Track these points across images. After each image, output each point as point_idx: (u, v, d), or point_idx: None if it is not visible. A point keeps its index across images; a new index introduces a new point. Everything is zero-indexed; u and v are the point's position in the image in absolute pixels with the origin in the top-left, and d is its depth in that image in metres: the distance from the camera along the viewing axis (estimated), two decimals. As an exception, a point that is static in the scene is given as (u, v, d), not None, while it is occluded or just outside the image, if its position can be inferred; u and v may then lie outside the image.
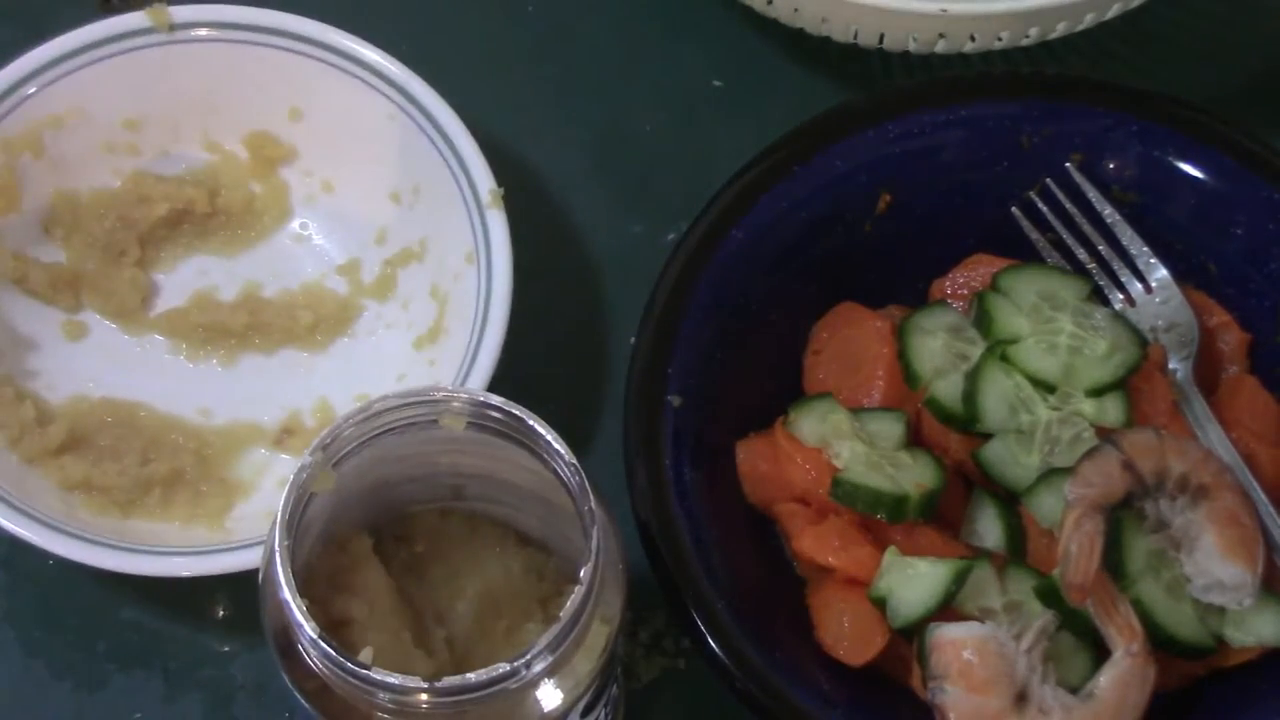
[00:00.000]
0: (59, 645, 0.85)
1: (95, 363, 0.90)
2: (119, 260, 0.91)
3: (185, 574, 0.80)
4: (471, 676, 0.62)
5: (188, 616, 0.85)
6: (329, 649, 0.62)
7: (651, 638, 0.85)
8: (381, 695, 0.63)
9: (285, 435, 0.88)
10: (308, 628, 0.63)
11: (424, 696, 0.62)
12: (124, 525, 0.84)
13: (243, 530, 0.84)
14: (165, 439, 0.87)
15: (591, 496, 0.65)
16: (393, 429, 0.68)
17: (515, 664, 0.62)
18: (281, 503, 0.65)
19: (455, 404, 0.67)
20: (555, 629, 0.63)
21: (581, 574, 0.64)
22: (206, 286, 0.92)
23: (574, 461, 0.66)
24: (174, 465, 0.86)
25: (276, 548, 0.64)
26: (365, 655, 0.65)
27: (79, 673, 0.84)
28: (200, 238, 0.93)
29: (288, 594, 0.63)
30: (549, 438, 0.66)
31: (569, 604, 0.63)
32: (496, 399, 0.67)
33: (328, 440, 0.66)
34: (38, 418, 0.85)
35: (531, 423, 0.66)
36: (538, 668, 0.63)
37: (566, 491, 0.67)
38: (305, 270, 0.93)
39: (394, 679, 0.62)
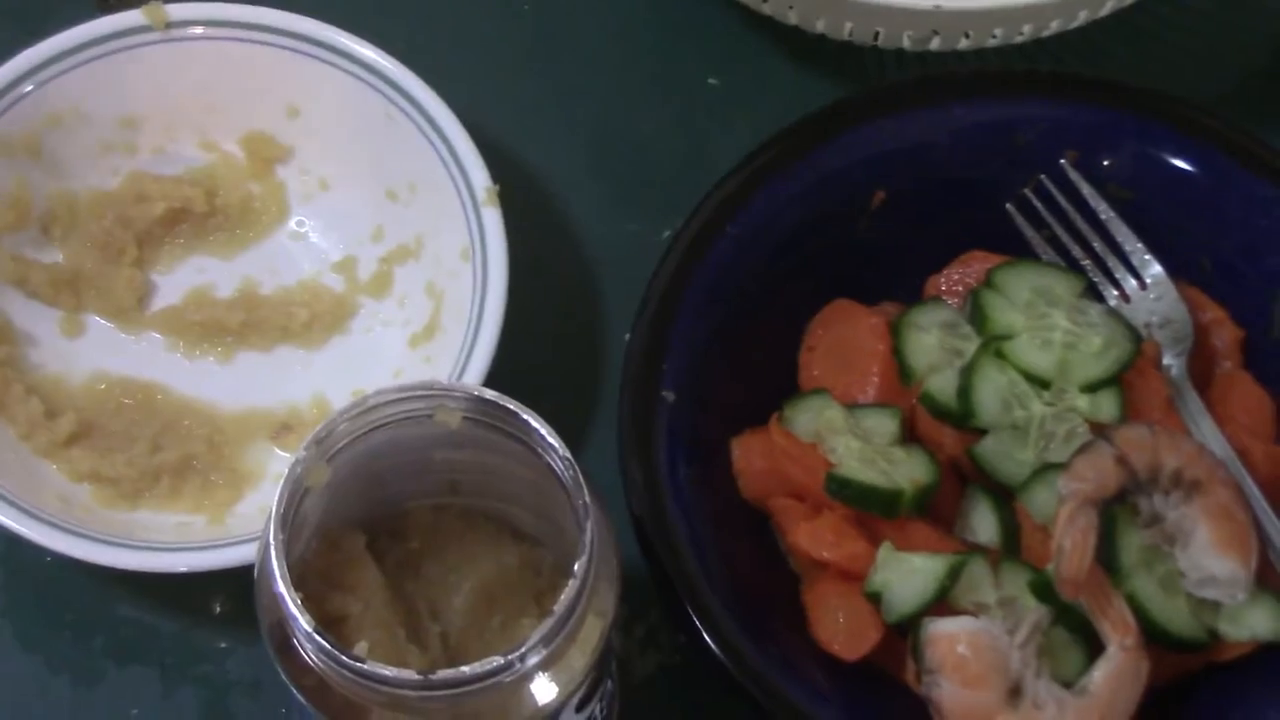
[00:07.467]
0: (56, 641, 0.85)
1: (93, 362, 0.89)
2: (117, 260, 0.91)
3: (181, 569, 0.80)
4: (466, 669, 0.62)
5: (185, 613, 0.86)
6: (324, 643, 0.62)
7: (647, 633, 0.85)
8: (377, 688, 0.63)
9: (282, 431, 0.88)
10: (303, 621, 0.63)
11: (418, 690, 0.62)
12: (125, 518, 0.84)
13: (240, 526, 0.84)
14: (178, 424, 0.87)
15: (585, 490, 0.65)
16: (388, 424, 0.68)
17: (509, 657, 0.62)
18: (276, 497, 0.65)
19: (450, 399, 0.67)
20: (549, 622, 0.63)
21: (575, 568, 0.64)
22: (203, 284, 0.92)
23: (568, 455, 0.66)
24: (185, 452, 0.86)
25: (271, 542, 0.64)
26: (360, 649, 0.65)
27: (75, 669, 0.84)
28: (198, 238, 0.93)
29: (283, 588, 0.63)
30: (543, 431, 0.66)
31: (563, 597, 0.63)
32: (491, 393, 0.67)
33: (322, 435, 0.67)
34: (47, 411, 0.85)
35: (526, 417, 0.67)
36: (532, 661, 0.63)
37: (561, 485, 0.67)
38: (301, 267, 0.93)
39: (389, 672, 0.62)
